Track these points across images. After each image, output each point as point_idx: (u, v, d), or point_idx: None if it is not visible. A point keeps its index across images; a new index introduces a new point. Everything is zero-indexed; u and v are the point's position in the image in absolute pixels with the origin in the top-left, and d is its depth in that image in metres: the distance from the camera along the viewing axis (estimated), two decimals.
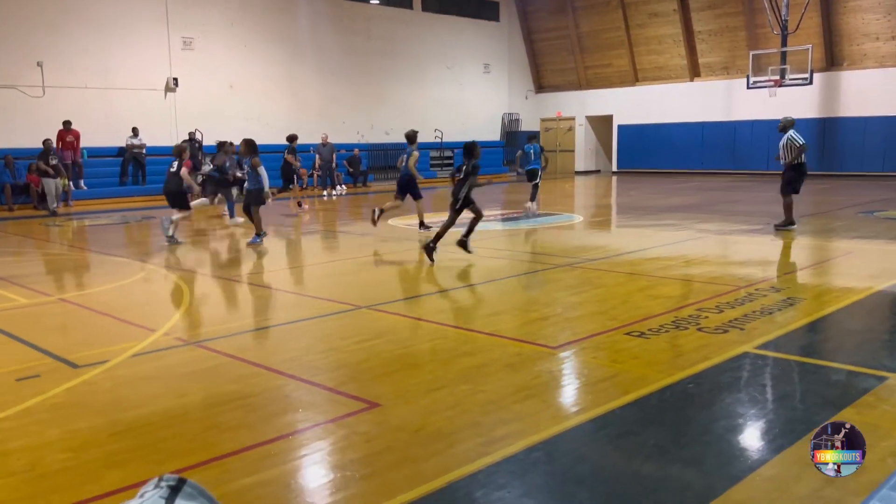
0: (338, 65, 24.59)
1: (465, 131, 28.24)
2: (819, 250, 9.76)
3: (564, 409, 4.04)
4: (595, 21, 28.19)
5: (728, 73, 25.66)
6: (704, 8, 25.52)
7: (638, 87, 28.00)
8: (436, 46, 27.37)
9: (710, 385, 4.28)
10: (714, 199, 17.39)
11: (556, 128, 30.49)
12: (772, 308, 6.08)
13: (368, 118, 25.58)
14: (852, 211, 13.71)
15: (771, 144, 24.59)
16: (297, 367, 4.76)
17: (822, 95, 23.53)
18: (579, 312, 6.30)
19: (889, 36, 22.22)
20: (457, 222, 9.04)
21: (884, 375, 4.35)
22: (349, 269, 8.81)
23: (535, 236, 11.88)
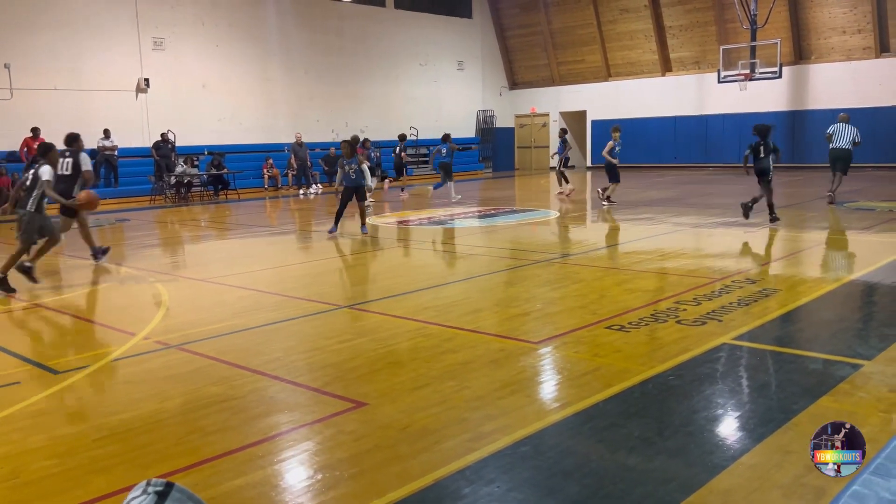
0: (311, 63, 24.47)
1: (440, 128, 28.21)
2: (792, 241, 9.93)
3: (549, 404, 4.08)
4: (567, 17, 28.34)
5: (699, 67, 25.95)
6: (675, 3, 25.77)
7: (611, 82, 28.22)
8: (409, 44, 27.34)
9: (690, 377, 4.35)
10: (688, 192, 17.59)
11: (530, 124, 30.63)
12: (748, 299, 6.19)
13: (343, 116, 25.49)
14: (823, 202, 13.95)
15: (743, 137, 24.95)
16: (280, 368, 4.75)
17: (791, 89, 23.90)
18: (559, 307, 6.36)
19: (855, 29, 22.62)
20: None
21: (858, 363, 4.45)
22: (328, 269, 8.80)
23: (513, 232, 11.94)
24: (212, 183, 20.67)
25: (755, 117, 24.44)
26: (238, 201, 19.42)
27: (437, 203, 16.81)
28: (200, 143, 21.42)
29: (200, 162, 20.87)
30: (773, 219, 10.97)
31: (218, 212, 17.14)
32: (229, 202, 19.30)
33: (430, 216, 14.08)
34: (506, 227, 12.62)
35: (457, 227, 12.50)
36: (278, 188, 22.48)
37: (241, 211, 16.94)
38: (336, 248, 10.46)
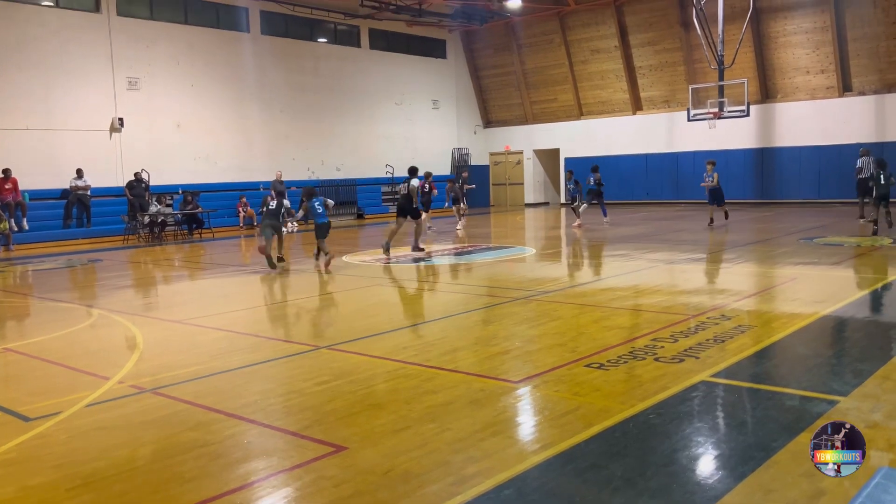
0: (286, 102, 24.61)
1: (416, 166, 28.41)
2: (764, 277, 10.08)
3: (531, 445, 4.06)
4: (539, 58, 28.90)
5: (669, 106, 26.52)
6: (644, 44, 26.42)
7: (583, 120, 28.71)
8: (384, 83, 27.64)
9: (670, 415, 4.36)
10: (661, 228, 17.83)
11: (504, 161, 30.97)
12: (724, 336, 6.25)
13: (319, 154, 25.59)
14: (793, 238, 14.21)
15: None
16: (258, 412, 4.69)
17: (758, 126, 24.49)
18: (538, 346, 6.37)
19: (818, 70, 23.32)
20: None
21: (834, 399, 4.51)
22: (305, 309, 8.74)
23: (489, 269, 11.99)
24: (186, 222, 20.54)
25: (724, 154, 25.02)
26: (213, 240, 19.29)
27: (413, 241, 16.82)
28: (175, 182, 21.34)
29: (174, 201, 20.76)
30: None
31: (192, 251, 17.00)
32: (203, 241, 19.16)
33: (406, 254, 14.08)
34: (482, 264, 12.66)
35: (433, 265, 12.52)
36: (254, 226, 22.37)
37: (216, 250, 16.82)
38: (312, 287, 10.40)
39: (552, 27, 27.98)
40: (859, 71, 22.78)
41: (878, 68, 22.40)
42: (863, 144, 22.43)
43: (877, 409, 4.29)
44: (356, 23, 26.51)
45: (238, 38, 23.44)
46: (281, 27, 24.61)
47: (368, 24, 26.93)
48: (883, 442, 3.81)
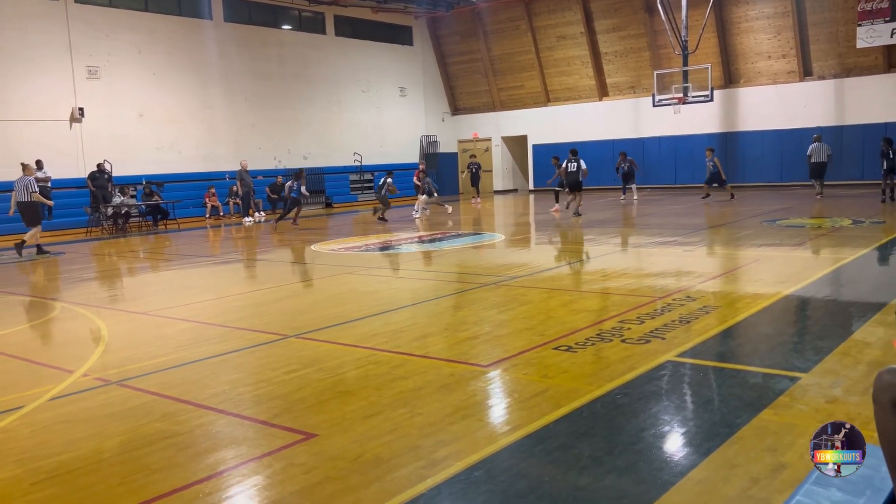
0: (251, 90, 24.30)
1: (383, 154, 28.35)
2: (729, 259, 10.24)
3: (500, 427, 4.09)
4: (506, 44, 28.89)
5: (634, 92, 26.72)
6: (609, 30, 26.55)
7: (550, 107, 28.81)
8: (350, 70, 27.42)
9: (637, 394, 4.42)
10: (627, 213, 18.00)
11: (473, 149, 30.97)
12: (689, 317, 6.35)
13: (285, 143, 25.34)
14: (756, 220, 14.45)
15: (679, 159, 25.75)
16: (226, 402, 4.65)
17: (722, 111, 24.81)
18: (507, 330, 6.40)
19: (779, 55, 23.67)
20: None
21: (796, 376, 4.61)
22: (273, 298, 8.67)
23: (459, 256, 12.01)
24: (150, 213, 20.24)
25: (689, 139, 25.31)
26: (178, 231, 19.03)
27: (382, 229, 16.80)
28: (138, 172, 20.99)
29: (138, 192, 20.44)
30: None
31: (157, 242, 16.76)
32: (169, 232, 18.90)
33: (376, 242, 14.05)
34: (452, 251, 12.67)
35: (403, 253, 12.50)
36: (220, 217, 22.13)
37: (182, 241, 16.61)
38: (281, 277, 10.32)
39: (518, 13, 27.97)
40: (819, 56, 23.17)
41: (837, 53, 22.80)
42: (823, 128, 22.89)
43: (836, 385, 4.40)
44: (321, 9, 26.24)
45: (200, 26, 23.05)
46: (244, 14, 24.26)
47: (333, 11, 26.66)
48: (843, 416, 3.90)
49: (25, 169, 14.26)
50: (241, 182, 20.76)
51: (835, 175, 22.77)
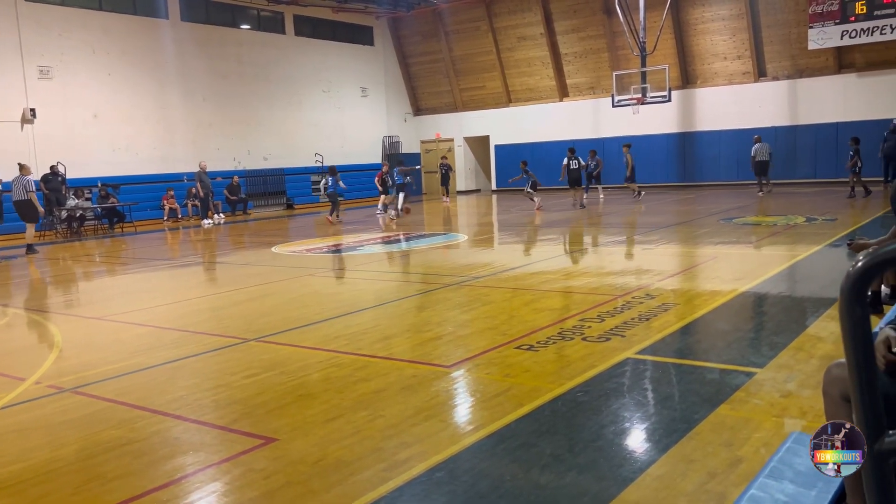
0: (209, 90, 23.95)
1: (345, 154, 28.17)
2: (687, 257, 10.41)
3: (463, 427, 4.10)
4: (467, 45, 28.95)
5: (594, 92, 27.00)
6: (569, 31, 26.78)
7: (511, 107, 28.95)
8: (311, 70, 27.20)
9: (597, 392, 4.47)
10: (587, 213, 18.18)
11: (435, 149, 30.97)
12: (648, 314, 6.43)
13: (245, 144, 25.03)
14: (714, 218, 14.71)
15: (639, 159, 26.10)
16: (184, 407, 4.57)
17: (680, 111, 25.20)
18: (470, 330, 6.41)
19: (735, 56, 24.13)
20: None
21: (752, 371, 4.70)
22: (233, 301, 8.56)
23: (422, 256, 12.00)
24: (106, 216, 19.82)
25: (648, 139, 25.67)
26: (135, 234, 18.67)
27: (345, 230, 16.71)
28: (93, 175, 20.52)
29: (93, 195, 20.00)
30: None
31: (114, 246, 16.42)
32: (125, 235, 18.53)
33: (338, 243, 13.96)
34: (416, 251, 12.65)
35: (366, 254, 12.44)
36: (178, 219, 21.78)
37: (139, 244, 16.30)
38: (240, 279, 10.20)
39: (479, 14, 28.05)
40: (773, 57, 23.68)
41: (790, 54, 23.33)
42: (777, 128, 23.42)
43: (790, 379, 4.50)
44: (280, 9, 25.98)
45: (157, 25, 22.63)
46: (202, 13, 23.89)
47: (293, 11, 26.42)
48: (796, 410, 3.99)
49: (23, 169, 14.78)
50: (200, 184, 20.45)
51: (789, 174, 23.33)
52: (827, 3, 21.81)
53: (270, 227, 18.94)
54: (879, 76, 22.05)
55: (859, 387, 1.12)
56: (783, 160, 23.43)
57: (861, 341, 1.11)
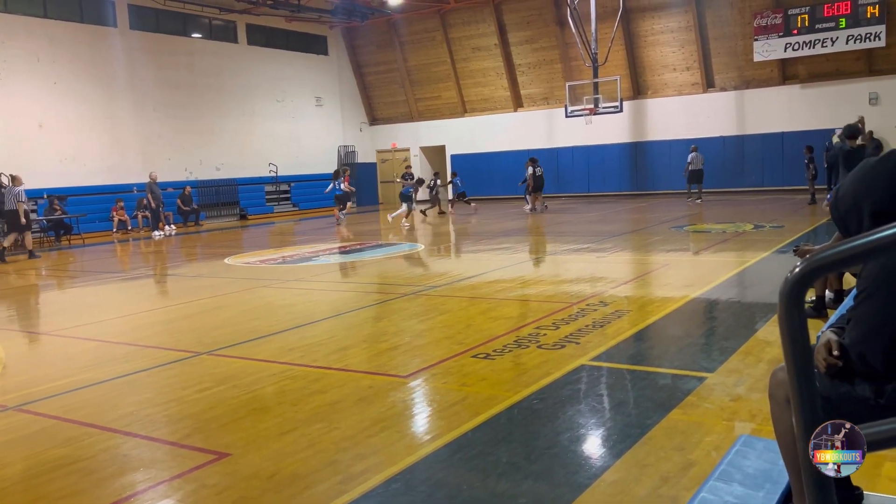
0: (160, 100, 23.54)
1: (300, 164, 27.97)
2: (639, 264, 10.58)
3: (419, 437, 4.08)
4: (422, 55, 29.05)
5: (548, 103, 27.32)
6: (522, 42, 27.08)
7: (467, 118, 29.11)
8: (264, 80, 26.96)
9: (553, 399, 4.50)
10: (543, 221, 18.36)
11: (392, 159, 30.96)
12: (602, 321, 6.51)
13: (197, 154, 24.66)
14: (665, 226, 14.99)
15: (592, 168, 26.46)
16: (134, 423, 4.46)
17: (631, 122, 25.66)
18: (427, 339, 6.41)
19: (684, 67, 24.69)
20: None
21: (703, 376, 4.79)
22: (185, 314, 8.39)
23: (378, 266, 11.95)
24: (52, 228, 19.29)
25: (601, 149, 26.06)
26: (83, 246, 18.21)
27: (300, 240, 16.56)
28: (40, 186, 19.95)
29: (39, 206, 19.45)
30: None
31: (60, 259, 15.99)
32: (73, 248, 18.05)
33: (294, 253, 13.82)
34: (372, 261, 12.60)
35: (322, 264, 12.34)
36: (128, 231, 21.31)
37: (87, 256, 15.90)
38: (192, 292, 10.02)
39: (434, 24, 28.18)
40: (720, 68, 24.29)
41: (737, 66, 23.97)
42: (726, 137, 24.02)
43: (740, 383, 4.60)
44: (232, 18, 25.70)
45: (105, 33, 22.17)
46: (151, 22, 23.49)
47: (245, 20, 26.17)
48: (745, 413, 4.08)
49: (14, 180, 15.27)
50: (150, 194, 20.05)
51: (737, 182, 23.94)
52: (771, 17, 22.49)
53: (223, 238, 18.67)
54: (821, 87, 22.80)
55: (798, 390, 1.16)
56: (732, 169, 24.06)
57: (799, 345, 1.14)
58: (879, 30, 21.03)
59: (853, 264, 1.19)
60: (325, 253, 13.95)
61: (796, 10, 22.13)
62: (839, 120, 22.09)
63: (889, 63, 21.77)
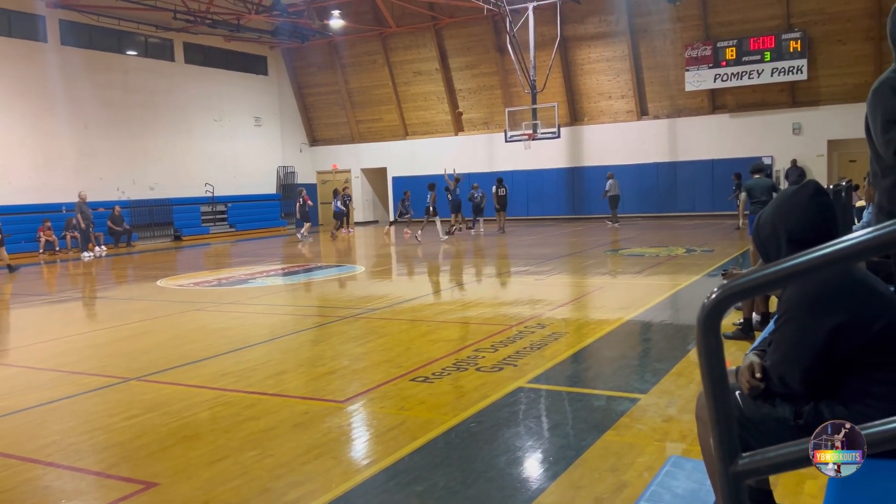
0: (92, 118, 22.90)
1: (238, 185, 27.56)
2: (576, 286, 10.76)
3: (356, 463, 4.04)
4: (364, 77, 29.10)
5: (488, 127, 27.68)
6: (463, 68, 27.43)
7: (408, 140, 29.23)
8: (201, 99, 26.54)
9: (490, 422, 4.51)
10: (482, 244, 18.51)
11: (332, 180, 30.79)
12: (540, 343, 6.58)
13: (130, 173, 24.03)
14: (601, 250, 15.30)
15: (531, 193, 26.85)
16: (57, 453, 4.28)
17: (569, 147, 26.20)
18: (366, 363, 6.36)
19: (619, 95, 25.40)
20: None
21: (636, 397, 4.88)
22: (114, 338, 8.12)
23: (318, 289, 11.82)
24: None
25: (540, 173, 26.50)
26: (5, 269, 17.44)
27: (237, 262, 16.26)
28: None
29: None
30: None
31: None
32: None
33: (230, 276, 13.56)
34: (311, 283, 12.46)
35: (259, 286, 12.14)
36: (56, 252, 20.55)
37: (9, 279, 15.24)
38: (122, 315, 9.71)
39: (375, 48, 28.29)
40: (654, 97, 25.08)
41: (669, 94, 24.79)
42: (659, 164, 24.75)
43: (671, 404, 4.70)
44: (169, 36, 25.28)
45: (35, 49, 21.48)
46: (84, 38, 22.89)
47: (183, 38, 25.76)
48: (676, 433, 4.17)
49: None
50: (80, 214, 19.40)
51: (670, 207, 24.65)
52: (701, 49, 23.39)
53: (156, 260, 18.19)
54: (748, 117, 23.77)
55: (715, 412, 1.19)
56: (664, 195, 24.78)
57: (716, 370, 1.19)
58: (801, 63, 22.10)
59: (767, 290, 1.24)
60: (262, 275, 13.73)
61: (725, 42, 23.08)
62: (766, 148, 23.11)
63: (811, 95, 22.87)
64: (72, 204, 20.33)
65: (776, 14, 22.53)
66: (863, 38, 21.53)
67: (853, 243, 1.16)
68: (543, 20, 24.30)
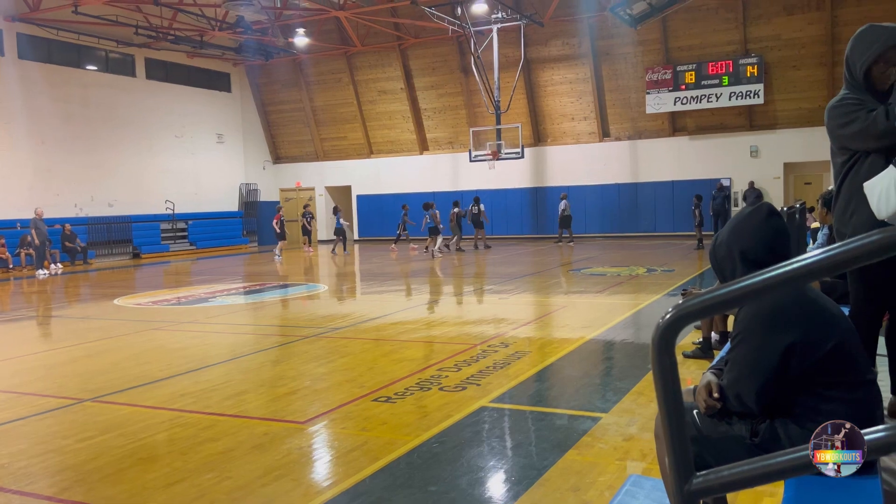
0: (49, 133, 22.45)
1: (199, 202, 27.24)
2: (539, 306, 10.81)
3: (316, 485, 3.98)
4: (328, 95, 29.08)
5: (453, 147, 27.83)
6: (428, 87, 27.59)
7: (373, 159, 29.23)
8: (163, 115, 26.23)
9: (453, 442, 4.49)
10: (446, 263, 18.53)
11: (296, 198, 30.59)
12: (503, 362, 6.59)
13: (89, 190, 23.59)
14: (564, 269, 15.42)
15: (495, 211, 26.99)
16: (6, 477, 4.14)
17: (532, 167, 26.46)
18: (328, 383, 6.29)
19: (582, 117, 25.77)
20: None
21: (597, 416, 4.91)
22: (68, 358, 7.92)
23: (280, 308, 11.70)
24: None
25: (503, 193, 26.68)
26: None
27: (197, 280, 16.02)
28: None
29: None
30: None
31: None
32: None
33: (190, 294, 13.35)
34: (273, 302, 12.32)
35: (219, 305, 11.97)
36: (9, 269, 20.03)
37: None
38: (77, 335, 9.48)
39: (340, 66, 28.32)
40: (615, 119, 25.50)
41: (630, 117, 25.23)
42: (621, 184, 25.11)
43: (632, 423, 4.74)
44: (130, 51, 24.99)
45: None
46: (43, 52, 22.51)
47: (144, 54, 25.49)
48: (637, 452, 4.20)
49: None
50: (35, 231, 18.95)
51: (631, 227, 25.00)
52: (661, 72, 23.88)
53: (114, 278, 17.83)
54: (707, 139, 24.29)
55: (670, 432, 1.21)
56: (626, 215, 25.13)
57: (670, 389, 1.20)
58: (758, 88, 22.69)
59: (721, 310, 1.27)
60: (223, 293, 13.54)
61: (684, 66, 23.60)
62: (724, 170, 23.62)
63: (767, 119, 23.47)
64: (27, 220, 19.87)
65: (733, 39, 23.14)
66: (817, 63, 22.22)
67: (805, 264, 1.19)
68: (507, 42, 24.60)
